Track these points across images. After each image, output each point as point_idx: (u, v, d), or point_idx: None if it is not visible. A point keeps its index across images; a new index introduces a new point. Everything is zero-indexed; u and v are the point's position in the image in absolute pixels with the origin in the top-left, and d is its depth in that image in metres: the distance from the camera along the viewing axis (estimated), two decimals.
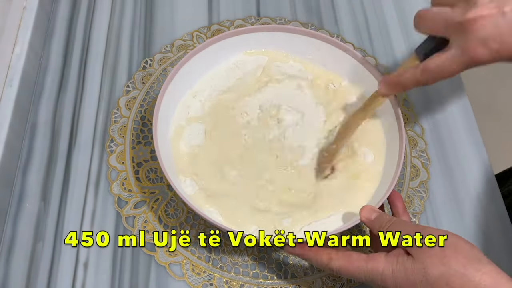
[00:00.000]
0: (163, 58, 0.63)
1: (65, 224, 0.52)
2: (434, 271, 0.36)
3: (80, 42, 0.63)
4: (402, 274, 0.38)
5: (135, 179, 0.54)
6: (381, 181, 0.50)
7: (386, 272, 0.39)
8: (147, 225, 0.52)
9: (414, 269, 0.38)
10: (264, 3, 0.69)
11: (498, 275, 0.36)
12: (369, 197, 0.49)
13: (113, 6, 0.66)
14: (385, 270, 0.39)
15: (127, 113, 0.59)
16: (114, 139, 0.57)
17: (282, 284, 0.50)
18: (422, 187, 0.57)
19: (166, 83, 0.50)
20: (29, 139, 0.56)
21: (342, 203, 0.49)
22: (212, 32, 0.65)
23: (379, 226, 0.42)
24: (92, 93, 0.60)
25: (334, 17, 0.68)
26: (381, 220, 0.42)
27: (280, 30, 0.55)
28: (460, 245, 0.37)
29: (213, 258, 0.51)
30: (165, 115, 0.50)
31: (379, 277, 0.39)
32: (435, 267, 0.37)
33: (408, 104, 0.63)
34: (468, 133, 0.61)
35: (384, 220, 0.42)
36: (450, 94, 0.64)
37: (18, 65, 0.56)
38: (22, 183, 0.54)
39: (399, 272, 0.38)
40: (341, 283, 0.51)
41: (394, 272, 0.38)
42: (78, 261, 0.50)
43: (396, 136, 0.50)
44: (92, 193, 0.54)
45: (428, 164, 0.59)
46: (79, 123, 0.58)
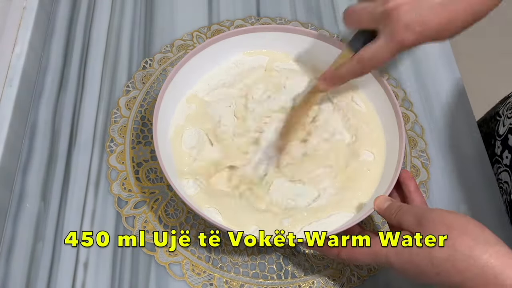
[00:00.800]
0: (163, 58, 0.63)
1: (65, 224, 0.52)
2: (439, 254, 0.36)
3: (80, 42, 0.63)
4: (406, 256, 0.38)
5: (135, 179, 0.54)
6: (381, 181, 0.50)
7: (390, 254, 0.39)
8: (147, 225, 0.52)
9: (419, 251, 0.38)
10: (264, 3, 0.69)
11: (506, 256, 0.35)
12: (369, 197, 0.49)
13: (113, 6, 0.66)
14: (389, 252, 0.39)
15: (127, 113, 0.59)
16: (114, 139, 0.57)
17: (282, 284, 0.50)
18: (422, 187, 0.57)
19: (166, 83, 0.50)
20: (29, 139, 0.56)
21: (342, 203, 0.49)
22: (212, 32, 0.65)
23: (389, 214, 0.43)
24: (92, 93, 0.60)
25: (334, 17, 0.68)
26: (391, 208, 0.43)
27: (280, 30, 0.55)
28: (469, 227, 0.37)
29: (213, 258, 0.51)
30: (165, 115, 0.50)
31: (384, 260, 0.40)
32: (440, 249, 0.36)
33: (408, 104, 0.63)
34: (468, 133, 0.61)
35: (393, 208, 0.43)
36: (450, 94, 0.64)
37: (18, 65, 0.56)
38: (22, 183, 0.54)
39: (403, 254, 0.38)
40: (341, 283, 0.51)
41: (398, 254, 0.39)
42: (78, 261, 0.50)
43: (396, 136, 0.50)
44: (92, 193, 0.54)
45: (428, 164, 0.59)
46: (79, 123, 0.58)
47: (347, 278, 0.51)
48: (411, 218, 0.40)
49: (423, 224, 0.39)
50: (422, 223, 0.39)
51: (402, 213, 0.41)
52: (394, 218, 0.42)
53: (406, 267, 0.38)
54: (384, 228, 0.54)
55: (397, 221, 0.41)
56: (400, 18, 0.41)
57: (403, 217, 0.41)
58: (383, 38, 0.43)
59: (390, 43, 0.43)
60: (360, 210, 0.48)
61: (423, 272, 0.38)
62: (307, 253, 0.52)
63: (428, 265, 0.37)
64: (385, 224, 0.54)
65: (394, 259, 0.39)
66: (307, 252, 0.52)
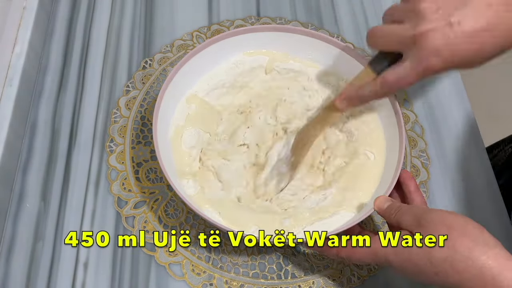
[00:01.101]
0: (163, 58, 0.63)
1: (65, 224, 0.52)
2: (438, 254, 0.37)
3: (80, 42, 0.63)
4: (406, 255, 0.38)
5: (135, 179, 0.54)
6: (381, 181, 0.50)
7: (389, 253, 0.39)
8: (147, 225, 0.52)
9: (418, 251, 0.38)
10: (264, 3, 0.69)
11: (504, 258, 0.35)
12: (370, 197, 0.49)
13: (113, 6, 0.66)
14: (389, 251, 0.39)
15: (127, 113, 0.59)
16: (114, 139, 0.57)
17: (282, 284, 0.50)
18: (422, 187, 0.57)
19: (166, 83, 0.50)
20: (29, 139, 0.56)
21: (343, 203, 0.49)
22: (212, 32, 0.65)
23: (389, 214, 0.43)
24: (92, 93, 0.60)
25: (334, 17, 0.68)
26: (391, 208, 0.43)
27: (280, 30, 0.55)
28: (469, 228, 0.37)
29: (213, 258, 0.51)
30: (165, 115, 0.50)
31: (383, 258, 0.40)
32: (440, 249, 0.37)
33: (408, 104, 0.63)
34: (468, 133, 0.61)
35: (393, 208, 0.43)
36: (451, 94, 0.64)
37: (18, 65, 0.56)
38: (22, 183, 0.54)
39: (403, 253, 0.39)
40: (341, 283, 0.51)
41: (398, 253, 0.39)
42: (78, 261, 0.50)
43: (396, 136, 0.50)
44: (92, 193, 0.54)
45: (428, 164, 0.59)
46: (79, 123, 0.58)
47: (347, 278, 0.51)
48: (410, 218, 0.40)
49: (423, 225, 0.39)
50: (421, 223, 0.39)
51: (401, 213, 0.41)
52: (394, 218, 0.42)
53: (405, 265, 0.39)
54: (384, 228, 0.54)
55: (397, 221, 0.42)
56: (430, 44, 0.40)
57: (403, 217, 0.41)
58: (410, 62, 0.42)
59: (416, 68, 0.41)
60: (361, 210, 0.48)
61: (422, 271, 0.38)
62: (307, 253, 0.52)
63: (427, 265, 0.37)
64: (385, 224, 0.54)
65: (393, 258, 0.39)
66: (307, 252, 0.52)
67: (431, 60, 0.40)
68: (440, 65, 0.41)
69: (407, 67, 0.42)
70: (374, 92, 0.46)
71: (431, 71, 0.41)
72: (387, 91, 0.45)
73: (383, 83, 0.45)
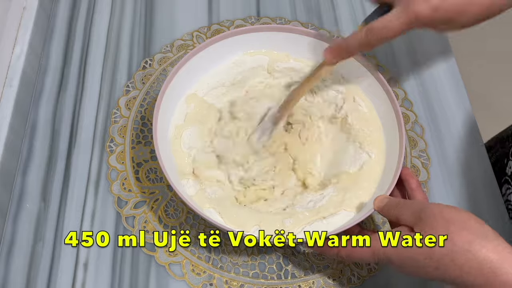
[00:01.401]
0: (163, 58, 0.63)
1: (65, 224, 0.52)
2: (438, 249, 0.36)
3: (80, 42, 0.63)
4: (405, 251, 0.38)
5: (135, 179, 0.54)
6: (381, 181, 0.50)
7: (389, 251, 0.39)
8: (147, 225, 0.52)
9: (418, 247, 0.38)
10: (264, 3, 0.69)
11: (504, 250, 0.35)
12: (370, 197, 0.49)
13: (113, 6, 0.66)
14: (388, 249, 0.39)
15: (127, 113, 0.59)
16: (114, 139, 0.57)
17: (282, 284, 0.50)
18: (422, 187, 0.57)
19: (166, 83, 0.50)
20: (29, 139, 0.56)
21: (343, 203, 0.49)
22: (212, 32, 0.65)
23: (388, 210, 0.42)
24: (92, 93, 0.60)
25: (334, 17, 0.68)
26: (389, 204, 0.43)
27: (280, 30, 0.55)
28: (468, 222, 0.37)
29: (213, 258, 0.51)
30: (165, 115, 0.50)
31: (383, 256, 0.40)
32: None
33: (408, 104, 0.63)
34: (468, 133, 0.61)
35: (392, 204, 0.42)
36: (451, 94, 0.64)
37: (18, 65, 0.56)
38: (22, 183, 0.54)
39: (403, 250, 0.38)
40: (341, 283, 0.51)
41: (398, 251, 0.39)
42: (78, 261, 0.50)
43: (396, 136, 0.50)
44: (92, 193, 0.54)
45: (428, 164, 0.59)
46: (79, 123, 0.58)
47: (347, 278, 0.51)
48: (409, 212, 0.40)
49: (422, 219, 0.38)
50: (421, 217, 0.39)
51: (400, 208, 0.41)
52: (393, 214, 0.42)
53: (406, 262, 0.38)
54: (384, 228, 0.54)
55: (396, 216, 0.41)
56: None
57: (402, 211, 0.41)
58: (397, 8, 0.42)
59: (403, 14, 0.42)
60: (361, 210, 0.48)
61: (422, 267, 0.38)
62: (307, 253, 0.52)
63: (427, 260, 0.37)
64: (385, 224, 0.54)
65: (393, 256, 0.39)
66: (307, 252, 0.52)
67: (419, 6, 0.40)
68: (426, 13, 0.41)
69: (394, 13, 0.42)
70: (359, 40, 0.45)
71: (417, 20, 0.41)
72: (371, 40, 0.44)
73: (367, 30, 0.44)
